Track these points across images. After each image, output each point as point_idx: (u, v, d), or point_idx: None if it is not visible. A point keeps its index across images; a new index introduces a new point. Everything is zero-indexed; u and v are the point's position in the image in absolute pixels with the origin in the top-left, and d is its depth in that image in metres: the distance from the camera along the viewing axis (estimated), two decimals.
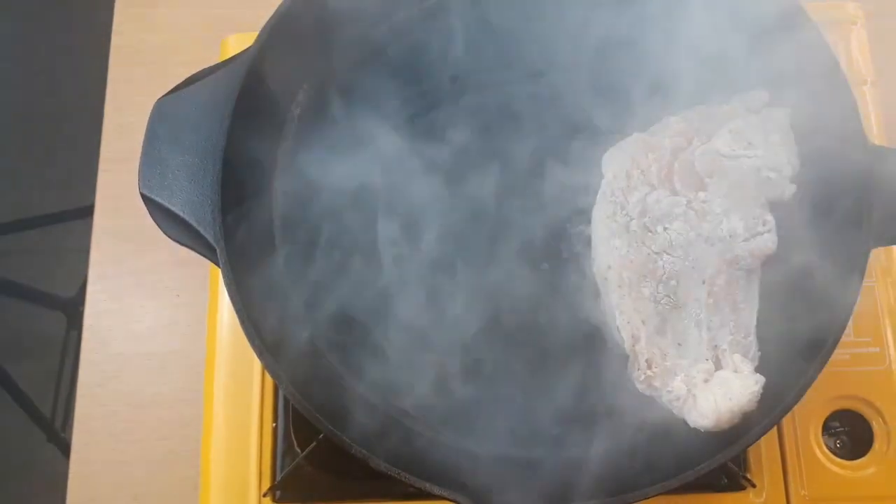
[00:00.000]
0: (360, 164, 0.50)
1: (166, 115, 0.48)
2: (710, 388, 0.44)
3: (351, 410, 0.46)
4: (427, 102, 0.54)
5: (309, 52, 0.53)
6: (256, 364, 0.55)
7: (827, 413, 0.53)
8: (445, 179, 0.51)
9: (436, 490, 0.42)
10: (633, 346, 0.46)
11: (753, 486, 0.52)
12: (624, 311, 0.46)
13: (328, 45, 0.54)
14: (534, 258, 0.51)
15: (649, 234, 0.47)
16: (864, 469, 0.52)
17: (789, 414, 0.43)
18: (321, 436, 0.52)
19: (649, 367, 0.45)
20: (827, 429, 0.53)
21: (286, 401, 0.55)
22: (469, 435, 0.49)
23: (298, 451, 0.53)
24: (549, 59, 0.54)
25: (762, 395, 0.43)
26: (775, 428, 0.52)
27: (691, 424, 0.43)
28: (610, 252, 0.47)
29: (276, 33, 0.49)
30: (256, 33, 0.48)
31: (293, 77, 0.53)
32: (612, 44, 0.51)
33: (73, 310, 1.28)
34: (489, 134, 0.53)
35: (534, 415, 0.48)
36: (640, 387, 0.45)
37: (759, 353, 0.45)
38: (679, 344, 0.46)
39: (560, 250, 0.51)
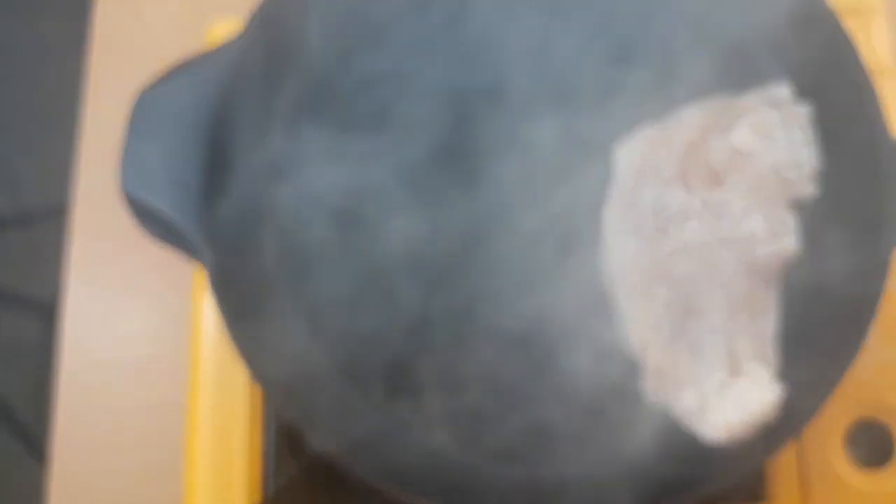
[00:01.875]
0: (356, 160, 0.49)
1: (148, 107, 0.46)
2: (723, 398, 0.42)
3: (350, 424, 0.45)
4: (429, 94, 0.51)
5: (300, 40, 0.51)
6: (244, 371, 0.53)
7: (847, 423, 0.52)
8: (448, 175, 0.49)
9: None
10: (643, 353, 0.44)
11: (769, 499, 0.50)
12: (634, 316, 0.45)
13: (322, 33, 0.51)
14: None
15: (662, 234, 0.45)
16: (887, 481, 0.51)
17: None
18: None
19: (659, 375, 0.43)
20: (847, 439, 0.52)
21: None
22: (483, 454, 0.46)
23: (292, 464, 0.51)
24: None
25: (781, 405, 0.41)
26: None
27: (704, 438, 0.42)
28: (620, 254, 0.46)
29: (265, 20, 0.47)
30: (245, 19, 0.47)
31: (284, 67, 0.51)
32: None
33: (50, 314, 1.26)
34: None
35: (542, 424, 0.46)
36: (650, 397, 0.44)
37: (779, 361, 0.43)
38: (692, 352, 0.44)
39: None
